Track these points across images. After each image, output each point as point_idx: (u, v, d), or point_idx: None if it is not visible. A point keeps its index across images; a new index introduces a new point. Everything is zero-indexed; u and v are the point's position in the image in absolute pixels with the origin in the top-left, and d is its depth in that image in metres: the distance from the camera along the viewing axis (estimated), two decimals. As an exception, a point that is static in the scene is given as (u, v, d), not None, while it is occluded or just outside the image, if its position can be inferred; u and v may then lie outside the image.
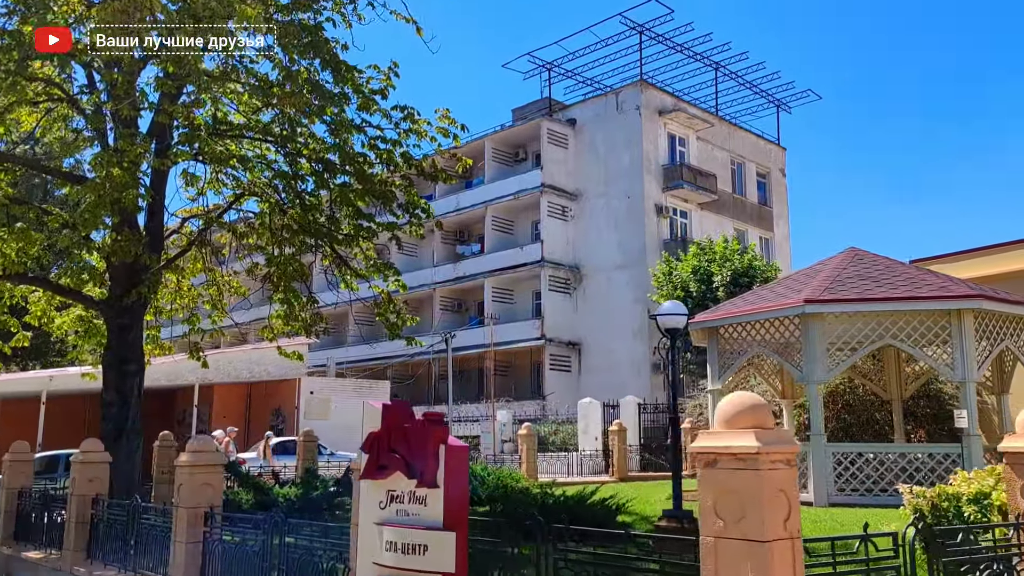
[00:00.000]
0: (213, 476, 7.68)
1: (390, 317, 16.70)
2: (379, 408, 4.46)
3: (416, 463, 4.14)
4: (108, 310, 14.55)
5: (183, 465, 7.60)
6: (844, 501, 12.73)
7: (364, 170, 14.52)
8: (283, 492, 13.24)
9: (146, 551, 8.31)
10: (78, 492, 9.47)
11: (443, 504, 4.08)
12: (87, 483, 9.49)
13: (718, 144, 42.83)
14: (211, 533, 7.44)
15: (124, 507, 8.85)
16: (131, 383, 14.42)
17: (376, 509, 4.43)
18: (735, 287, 31.28)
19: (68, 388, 25.31)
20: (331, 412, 30.43)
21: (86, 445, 9.72)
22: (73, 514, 9.42)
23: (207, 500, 7.57)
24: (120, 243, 12.45)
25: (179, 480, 7.66)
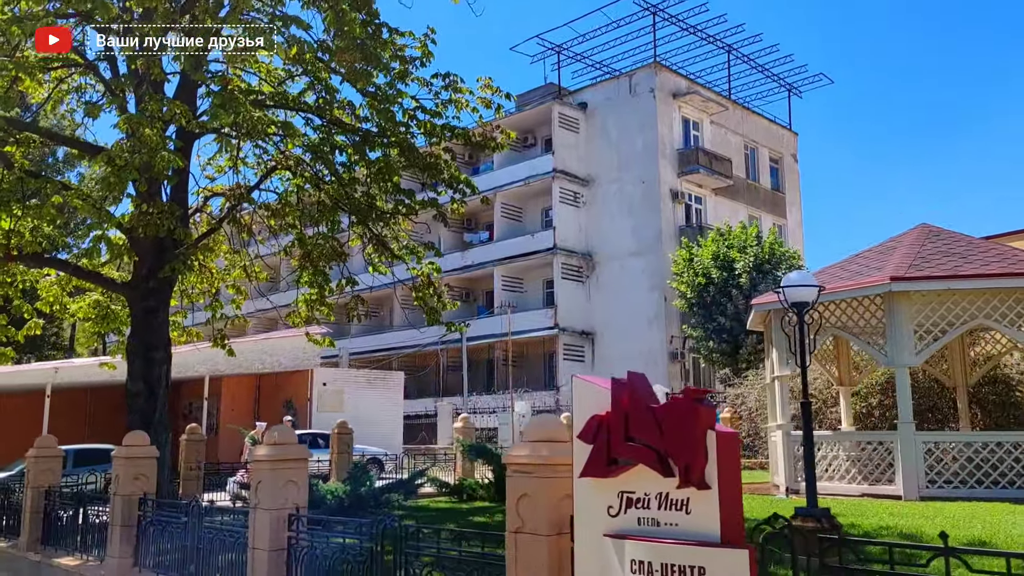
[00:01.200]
0: (298, 472, 6.64)
1: (429, 301, 15.68)
2: (601, 385, 3.47)
3: (675, 455, 3.14)
4: (132, 293, 13.46)
5: (263, 460, 6.57)
6: (936, 495, 11.81)
7: (409, 141, 13.47)
8: (329, 488, 12.19)
9: (209, 560, 7.27)
10: (122, 492, 8.40)
11: (718, 511, 3.08)
12: (132, 481, 8.42)
13: (731, 128, 41.88)
14: (297, 539, 6.41)
15: (182, 508, 7.80)
16: (158, 372, 13.36)
17: (603, 516, 3.43)
18: (758, 273, 30.45)
19: (73, 380, 24.14)
20: (344, 404, 29.38)
21: (130, 438, 8.65)
22: (118, 516, 8.35)
23: (291, 500, 6.54)
24: (150, 215, 11.33)
25: (257, 477, 6.61)
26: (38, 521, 10.37)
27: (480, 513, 12.37)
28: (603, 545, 3.42)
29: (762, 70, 44.18)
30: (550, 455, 4.47)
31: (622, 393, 3.35)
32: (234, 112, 11.33)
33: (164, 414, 13.34)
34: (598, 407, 3.49)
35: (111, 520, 8.52)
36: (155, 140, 10.60)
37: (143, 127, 10.58)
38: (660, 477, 3.23)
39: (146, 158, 10.45)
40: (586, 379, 3.65)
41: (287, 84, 14.57)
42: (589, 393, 3.58)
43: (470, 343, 39.62)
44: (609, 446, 3.37)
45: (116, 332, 15.47)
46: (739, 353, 30.78)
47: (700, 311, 31.77)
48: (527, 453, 4.55)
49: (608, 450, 3.37)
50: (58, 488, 10.55)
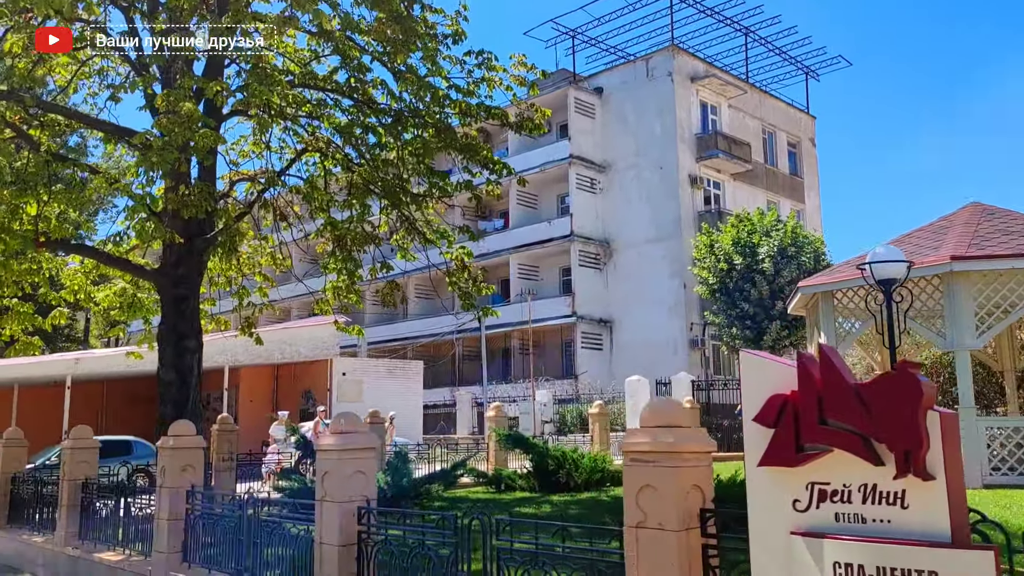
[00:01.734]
0: (367, 462, 6.25)
1: (464, 286, 15.29)
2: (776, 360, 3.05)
3: (888, 440, 2.71)
4: (162, 280, 13.07)
5: (329, 449, 6.17)
6: (1003, 482, 11.37)
7: (445, 121, 13.03)
8: (371, 479, 11.79)
9: (266, 555, 6.88)
10: (170, 484, 8.02)
11: (947, 505, 2.63)
12: (179, 473, 8.04)
13: (749, 112, 41.31)
14: (368, 533, 6.02)
15: (235, 500, 7.41)
16: (190, 361, 12.99)
17: (788, 511, 3.01)
18: (782, 258, 29.96)
19: (93, 372, 23.82)
20: (364, 394, 29.06)
21: (177, 428, 8.26)
22: (165, 509, 7.98)
23: (360, 492, 6.15)
24: (190, 196, 10.92)
25: (323, 468, 6.22)
26: (75, 514, 10.01)
27: (524, 504, 11.99)
28: (791, 544, 3.00)
29: (780, 53, 43.57)
30: (676, 442, 4.06)
31: (813, 369, 2.93)
32: (270, 89, 10.92)
33: (197, 404, 12.98)
34: (776, 386, 3.07)
35: (157, 513, 8.14)
36: (196, 116, 10.19)
37: (182, 102, 10.15)
38: (865, 466, 2.80)
39: (188, 135, 10.03)
40: (757, 355, 3.23)
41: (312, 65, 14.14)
42: (761, 370, 3.16)
43: (486, 332, 39.22)
44: (798, 431, 2.95)
45: (144, 321, 15.05)
46: (763, 340, 30.33)
47: (722, 297, 31.28)
48: (648, 440, 4.14)
49: (796, 435, 2.95)
50: (95, 480, 10.19)
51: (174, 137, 10.09)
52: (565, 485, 13.36)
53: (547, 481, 13.52)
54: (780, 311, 29.79)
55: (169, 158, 10.01)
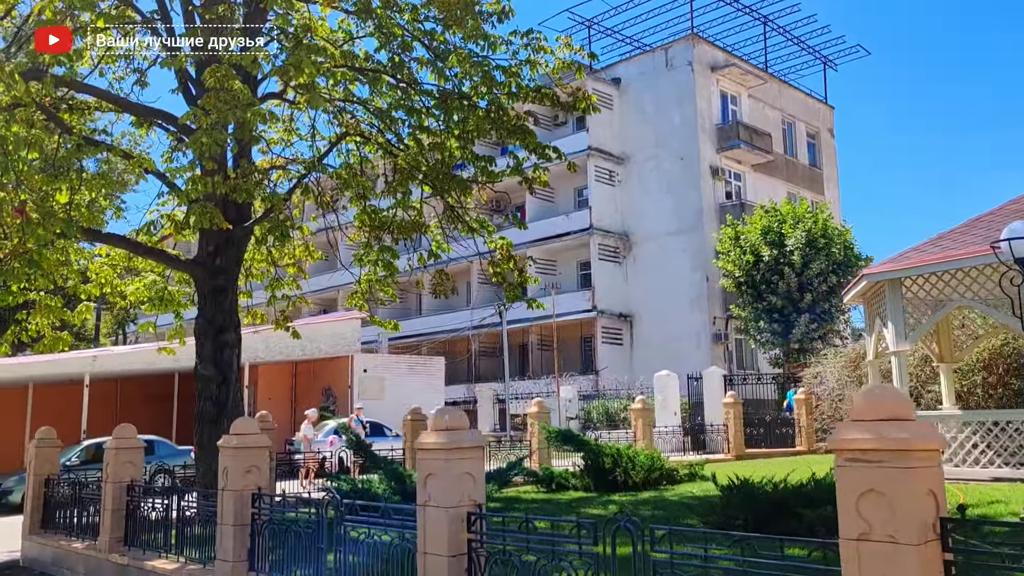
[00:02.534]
0: (475, 463, 5.60)
1: (509, 276, 14.66)
2: None
3: None
4: (199, 271, 12.43)
5: (431, 448, 5.52)
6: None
7: (498, 101, 12.38)
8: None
9: (350, 565, 6.23)
10: (233, 486, 7.37)
11: None
12: (243, 475, 7.39)
13: (769, 102, 40.66)
14: (481, 542, 5.38)
15: (311, 503, 6.75)
16: (229, 355, 12.36)
17: None
18: (811, 249, 29.31)
19: (112, 369, 23.18)
20: (385, 391, 28.43)
21: (240, 426, 7.60)
22: (229, 514, 7.33)
23: (469, 496, 5.51)
24: (239, 180, 10.27)
25: (427, 469, 5.57)
26: (120, 519, 9.37)
27: (587, 505, 11.35)
28: None
29: (798, 42, 42.92)
30: (909, 438, 3.43)
31: None
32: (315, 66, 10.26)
33: (238, 401, 12.37)
34: None
35: (220, 518, 7.49)
36: (246, 94, 9.54)
37: (231, 79, 9.49)
38: None
39: (238, 114, 9.37)
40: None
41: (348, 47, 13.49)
42: None
43: (490, 328, 38.63)
44: None
45: (175, 315, 14.40)
46: (791, 334, 29.69)
47: (748, 290, 30.64)
48: (871, 437, 3.50)
49: None
50: (141, 482, 9.55)
51: (223, 115, 9.44)
52: (623, 484, 12.74)
53: (603, 480, 12.90)
54: (808, 304, 29.18)
55: (220, 138, 9.36)
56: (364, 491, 10.71)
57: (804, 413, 20.66)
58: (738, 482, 8.94)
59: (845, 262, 29.66)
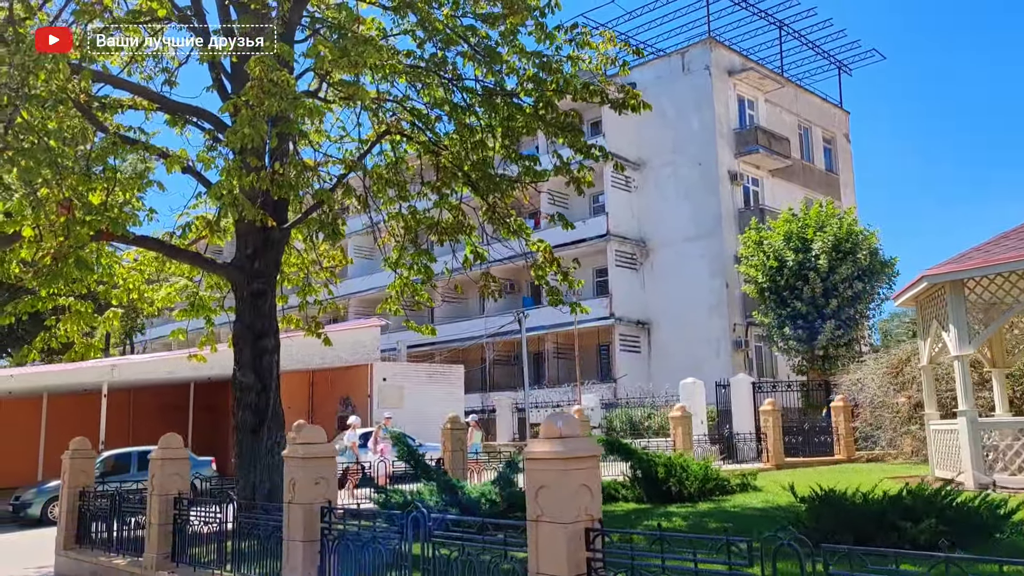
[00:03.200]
0: (591, 474, 5.12)
1: (551, 279, 14.22)
2: None
3: None
4: (237, 274, 11.96)
5: (544, 458, 5.04)
6: None
7: (550, 98, 11.94)
8: (481, 491, 10.67)
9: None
10: (301, 499, 6.88)
11: None
12: (312, 486, 6.90)
13: (785, 107, 40.26)
14: (599, 561, 4.89)
15: (393, 518, 6.26)
16: (269, 362, 11.92)
17: None
18: (837, 254, 28.82)
19: (131, 379, 22.67)
20: (404, 399, 27.93)
21: (307, 434, 7.11)
22: (297, 530, 6.83)
23: (586, 510, 5.02)
24: (281, 176, 9.80)
25: (538, 481, 5.09)
26: (167, 534, 8.87)
27: (646, 517, 10.85)
28: None
29: (812, 46, 42.56)
30: None
31: None
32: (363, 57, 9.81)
33: (279, 409, 11.88)
34: None
35: (287, 534, 7.00)
36: (291, 85, 9.08)
37: (275, 71, 9.04)
38: None
39: (284, 105, 8.91)
40: None
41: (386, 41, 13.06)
42: None
43: (517, 335, 38.14)
44: None
45: (206, 321, 13.91)
46: (816, 340, 29.17)
47: (771, 296, 30.13)
48: None
49: None
50: (188, 495, 9.06)
51: (269, 106, 8.96)
52: (677, 495, 12.23)
53: (656, 490, 12.40)
54: (834, 310, 28.66)
55: (262, 130, 8.88)
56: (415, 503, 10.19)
57: (842, 421, 20.14)
58: (822, 493, 8.43)
59: (870, 267, 29.18)
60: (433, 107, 12.98)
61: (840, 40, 42.66)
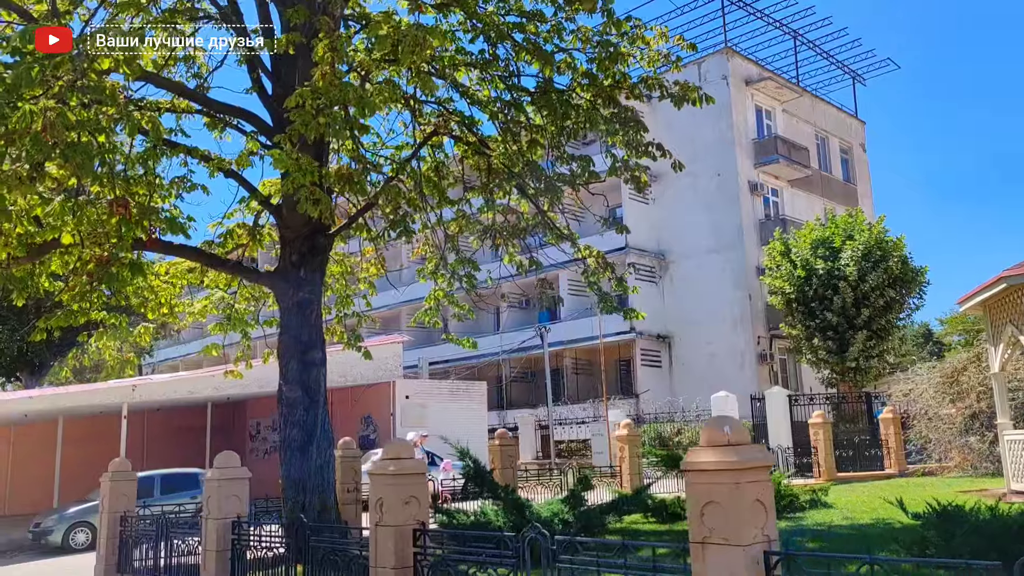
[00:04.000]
0: (765, 487, 4.46)
1: (604, 286, 13.61)
2: None
3: None
4: (282, 283, 11.32)
5: (712, 469, 4.38)
6: None
7: (612, 93, 11.37)
8: (553, 510, 9.98)
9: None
10: (390, 521, 6.21)
11: None
12: (402, 507, 6.23)
13: (802, 117, 39.82)
14: (781, 588, 4.23)
15: (505, 541, 5.57)
16: (317, 375, 11.26)
17: None
18: (867, 262, 28.19)
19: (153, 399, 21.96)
20: (427, 418, 27.18)
21: (393, 448, 6.45)
22: (387, 555, 6.15)
23: (761, 529, 4.36)
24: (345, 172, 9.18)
25: (704, 495, 4.42)
26: (225, 561, 8.18)
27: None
28: None
29: (827, 56, 42.18)
30: None
31: None
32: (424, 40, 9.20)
33: (328, 426, 11.19)
34: None
35: (374, 560, 6.31)
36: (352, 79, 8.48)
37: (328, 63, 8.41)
38: None
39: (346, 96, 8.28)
40: None
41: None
42: None
43: (536, 351, 37.50)
44: None
45: (243, 335, 13.28)
46: (846, 352, 28.47)
47: (799, 307, 29.48)
48: None
49: None
50: (247, 519, 8.37)
51: (332, 97, 8.34)
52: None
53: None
54: (865, 320, 28.00)
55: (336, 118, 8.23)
56: (484, 523, 9.51)
57: (892, 433, 19.42)
58: (939, 508, 7.75)
59: (903, 276, 28.56)
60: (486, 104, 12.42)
61: (855, 49, 42.29)
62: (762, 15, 38.43)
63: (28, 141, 6.77)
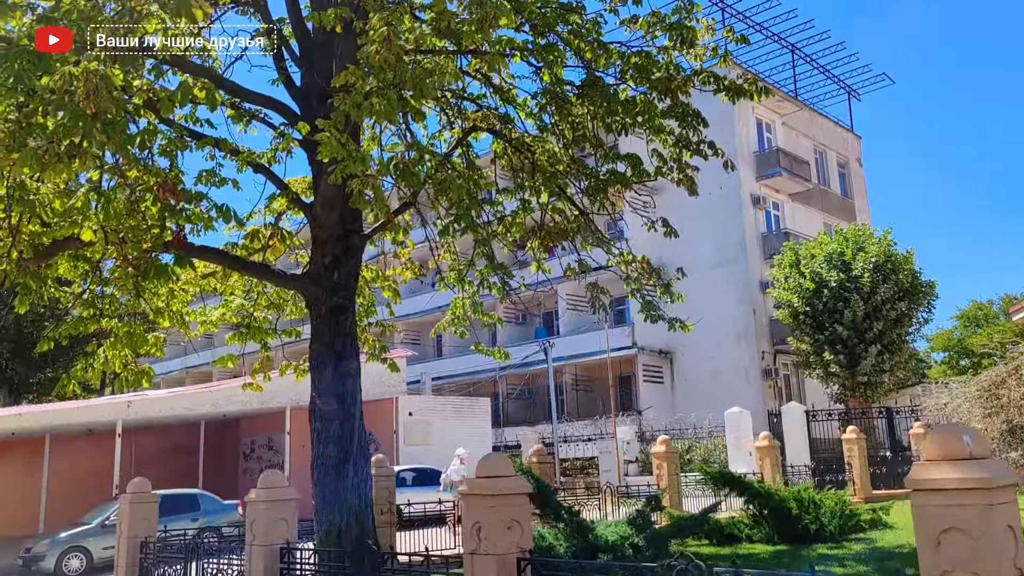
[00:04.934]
0: (1013, 509, 3.68)
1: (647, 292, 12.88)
2: None
3: None
4: (314, 288, 10.45)
5: (956, 489, 3.61)
6: None
7: (670, 86, 10.67)
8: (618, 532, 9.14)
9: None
10: (491, 548, 5.36)
11: None
12: (504, 532, 5.39)
13: (801, 131, 39.51)
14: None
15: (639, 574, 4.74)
16: (352, 387, 10.40)
17: None
18: (878, 274, 27.73)
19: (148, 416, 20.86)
20: (431, 435, 26.26)
21: (489, 465, 5.62)
22: (490, 589, 5.33)
23: (1014, 562, 3.57)
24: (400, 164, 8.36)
25: (941, 521, 3.64)
26: (270, 592, 7.27)
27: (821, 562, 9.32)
28: None
29: (823, 71, 41.98)
30: None
31: None
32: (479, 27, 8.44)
33: (365, 443, 10.30)
34: None
35: (471, 595, 5.47)
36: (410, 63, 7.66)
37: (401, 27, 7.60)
38: None
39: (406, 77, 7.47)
40: None
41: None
42: None
43: (533, 368, 36.75)
44: None
45: (263, 346, 12.36)
46: (857, 367, 27.92)
47: (808, 321, 28.92)
48: None
49: None
50: (297, 544, 7.47)
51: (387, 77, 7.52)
52: (815, 535, 10.75)
53: (790, 529, 10.93)
54: (877, 333, 27.47)
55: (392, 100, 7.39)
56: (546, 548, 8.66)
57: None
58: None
59: (913, 289, 28.13)
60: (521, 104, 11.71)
61: (851, 64, 42.11)
62: (760, 28, 38.15)
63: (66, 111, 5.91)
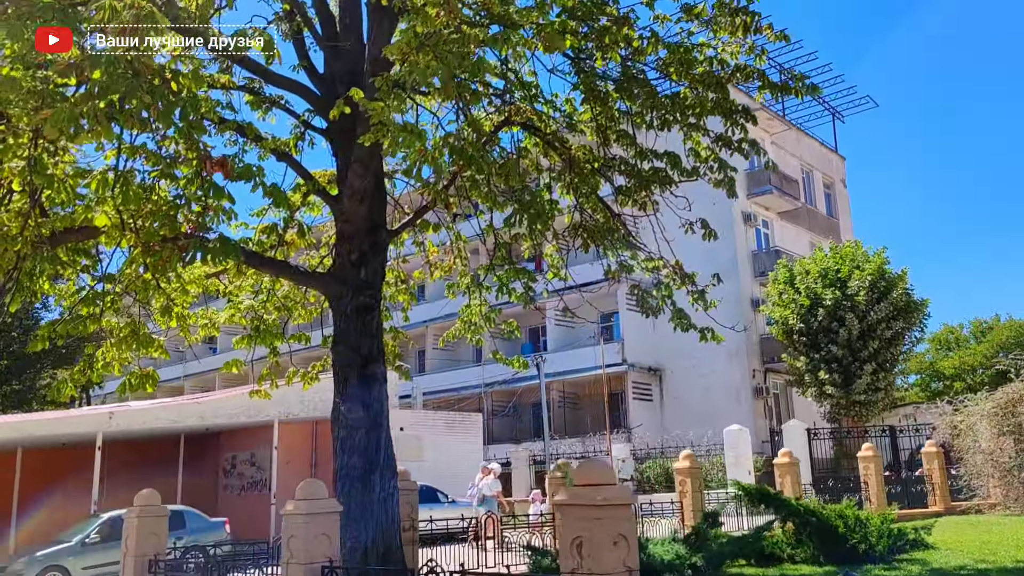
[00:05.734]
0: None
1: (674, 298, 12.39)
2: None
3: None
4: (338, 286, 9.74)
5: None
6: None
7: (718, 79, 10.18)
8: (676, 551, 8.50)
9: None
10: (595, 568, 4.70)
11: None
12: (610, 548, 4.73)
13: (789, 150, 39.50)
14: None
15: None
16: (379, 393, 9.64)
17: None
18: (873, 292, 27.53)
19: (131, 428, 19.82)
20: (423, 451, 25.45)
21: (593, 472, 4.95)
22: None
23: None
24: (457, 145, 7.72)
25: None
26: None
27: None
28: None
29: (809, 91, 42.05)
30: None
31: None
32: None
33: (392, 454, 9.56)
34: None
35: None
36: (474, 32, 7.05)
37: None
38: None
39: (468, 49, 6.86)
40: None
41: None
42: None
43: (519, 384, 36.13)
44: None
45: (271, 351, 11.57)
46: (852, 385, 27.63)
47: (803, 339, 28.63)
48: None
49: None
50: (339, 563, 6.72)
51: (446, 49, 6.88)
52: (864, 555, 10.19)
53: (836, 549, 10.35)
54: (872, 352, 27.21)
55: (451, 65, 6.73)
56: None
57: (936, 468, 18.35)
58: None
59: (907, 309, 27.98)
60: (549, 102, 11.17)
61: (837, 85, 42.26)
62: (751, 46, 38.13)
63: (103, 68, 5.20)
